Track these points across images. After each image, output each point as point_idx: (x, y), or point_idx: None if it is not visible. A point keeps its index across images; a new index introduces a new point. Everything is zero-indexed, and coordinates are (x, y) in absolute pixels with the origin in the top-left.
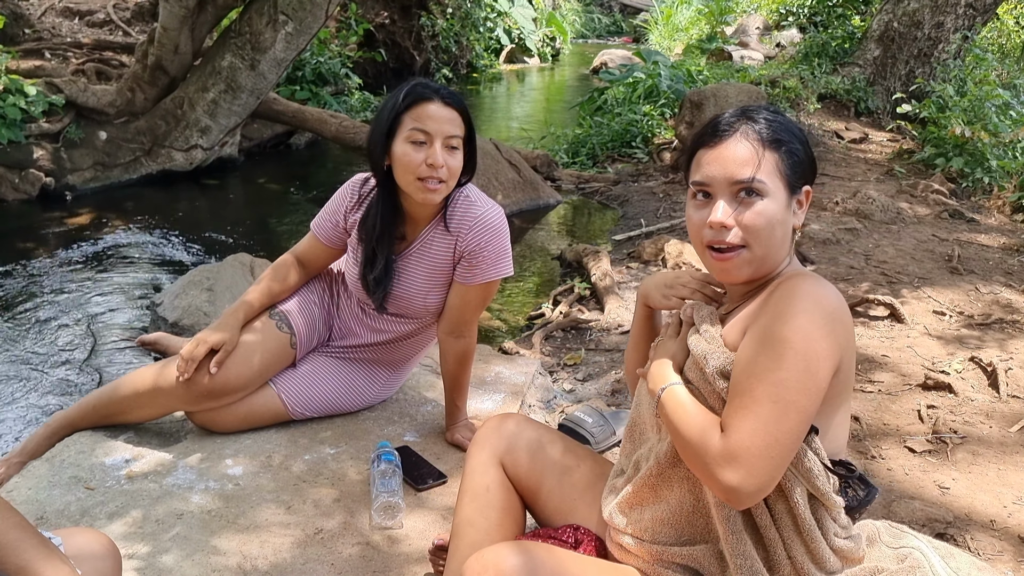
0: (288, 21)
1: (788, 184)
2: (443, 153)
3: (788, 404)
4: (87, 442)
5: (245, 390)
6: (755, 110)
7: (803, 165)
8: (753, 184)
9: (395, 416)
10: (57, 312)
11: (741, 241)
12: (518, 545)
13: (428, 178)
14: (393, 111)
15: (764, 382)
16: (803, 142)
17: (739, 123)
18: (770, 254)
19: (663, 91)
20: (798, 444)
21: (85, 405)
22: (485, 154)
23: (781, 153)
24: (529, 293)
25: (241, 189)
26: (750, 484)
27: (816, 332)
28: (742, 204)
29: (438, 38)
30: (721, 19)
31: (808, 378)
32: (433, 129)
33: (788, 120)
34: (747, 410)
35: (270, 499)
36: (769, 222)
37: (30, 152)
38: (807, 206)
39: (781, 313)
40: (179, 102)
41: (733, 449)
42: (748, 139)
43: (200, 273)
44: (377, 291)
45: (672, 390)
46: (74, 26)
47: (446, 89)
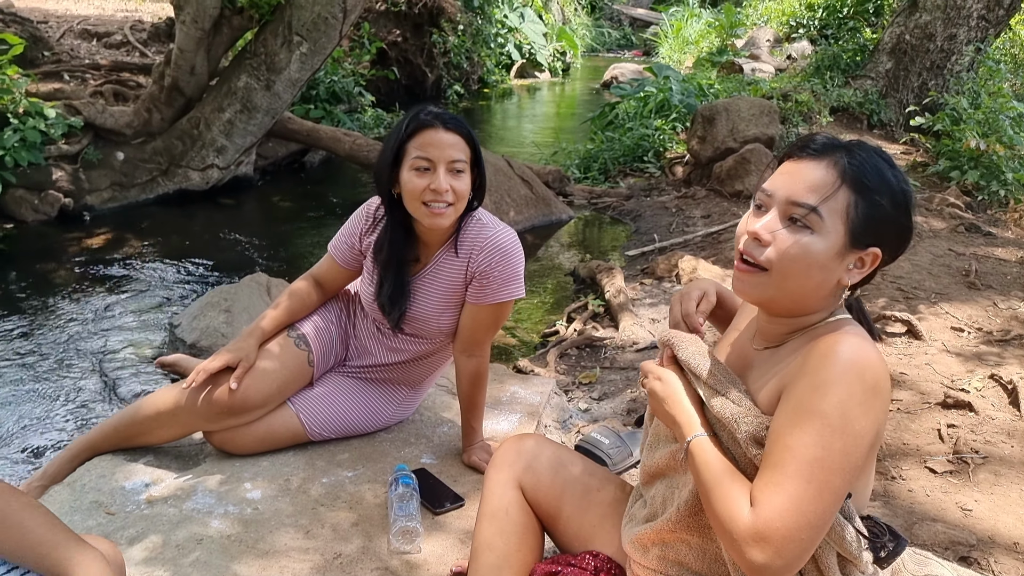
0: (303, 42)
1: (851, 233)
2: (447, 178)
3: (823, 485)
4: (107, 466)
5: (264, 407)
6: (863, 147)
7: (881, 224)
8: (809, 213)
9: (412, 437)
10: (76, 334)
11: (767, 264)
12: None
13: (433, 203)
14: (397, 140)
15: (799, 459)
16: (897, 202)
17: (835, 151)
18: (797, 294)
19: (674, 105)
20: (830, 523)
21: (106, 428)
22: (497, 170)
23: (860, 198)
24: (543, 310)
25: (257, 208)
26: (778, 564)
27: (856, 410)
28: (788, 228)
29: (449, 55)
30: (731, 32)
31: (845, 459)
32: (436, 155)
33: (891, 175)
34: (779, 487)
35: (289, 523)
36: (805, 259)
37: (49, 173)
38: (869, 269)
39: (820, 384)
40: (195, 122)
41: (762, 528)
42: (833, 168)
43: (217, 294)
44: (392, 311)
45: (699, 443)
46: (92, 48)
47: (448, 114)
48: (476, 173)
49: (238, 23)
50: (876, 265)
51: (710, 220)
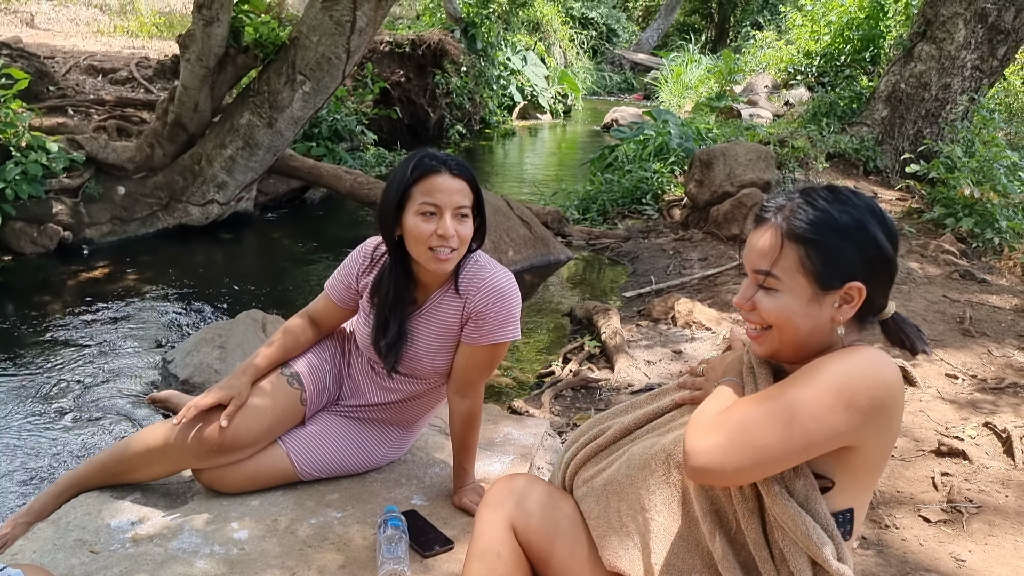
0: (306, 81)
1: (817, 280)
2: (453, 223)
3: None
4: (93, 503)
5: (255, 446)
6: (808, 196)
7: (844, 262)
8: (768, 278)
9: (403, 478)
10: (70, 367)
11: (762, 323)
12: None
13: (439, 248)
14: (402, 184)
15: (749, 415)
16: (851, 238)
17: (777, 213)
18: (798, 342)
19: (673, 149)
20: (768, 465)
21: (95, 464)
22: (496, 210)
23: (808, 249)
24: (539, 350)
25: (256, 244)
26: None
27: (824, 411)
28: (763, 292)
29: (452, 95)
30: (730, 78)
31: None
32: (442, 201)
33: (841, 214)
34: (754, 403)
35: (275, 564)
36: (784, 316)
37: (49, 207)
38: (858, 302)
39: (810, 372)
40: (197, 158)
41: (720, 422)
42: (774, 230)
43: (212, 331)
44: (390, 355)
45: (722, 386)
46: (97, 83)
47: (453, 160)
48: (478, 217)
49: (243, 62)
50: (865, 295)
51: (707, 263)
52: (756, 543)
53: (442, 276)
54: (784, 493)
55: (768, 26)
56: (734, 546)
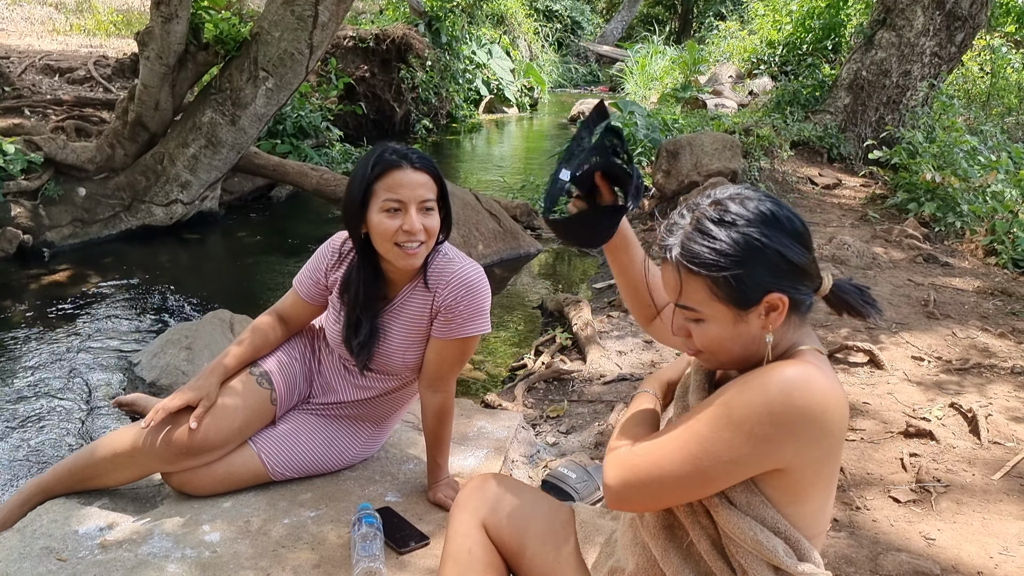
0: (268, 77)
1: (732, 302)
2: (419, 217)
3: (664, 471)
4: (61, 510)
5: (225, 448)
6: (697, 224)
7: (754, 281)
8: (687, 312)
9: (376, 475)
10: (33, 374)
11: (699, 349)
12: None
13: (406, 243)
14: (364, 181)
15: (671, 435)
16: (749, 256)
17: (671, 250)
18: (736, 359)
19: (640, 140)
20: (674, 498)
21: (60, 471)
22: (465, 204)
23: (708, 277)
24: (511, 343)
25: (222, 243)
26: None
27: (742, 442)
28: (692, 323)
29: (418, 90)
30: (694, 68)
31: (697, 469)
32: (406, 196)
33: (727, 237)
34: (663, 436)
35: (248, 566)
36: (716, 342)
37: (7, 209)
38: (782, 311)
39: (735, 394)
40: (159, 157)
41: (628, 459)
42: (674, 269)
43: (178, 331)
44: (362, 354)
45: (640, 395)
46: (55, 83)
47: (415, 153)
48: (443, 208)
49: (203, 59)
50: (788, 300)
51: None
52: (710, 555)
53: (411, 271)
54: (725, 502)
55: (731, 16)
56: (690, 561)
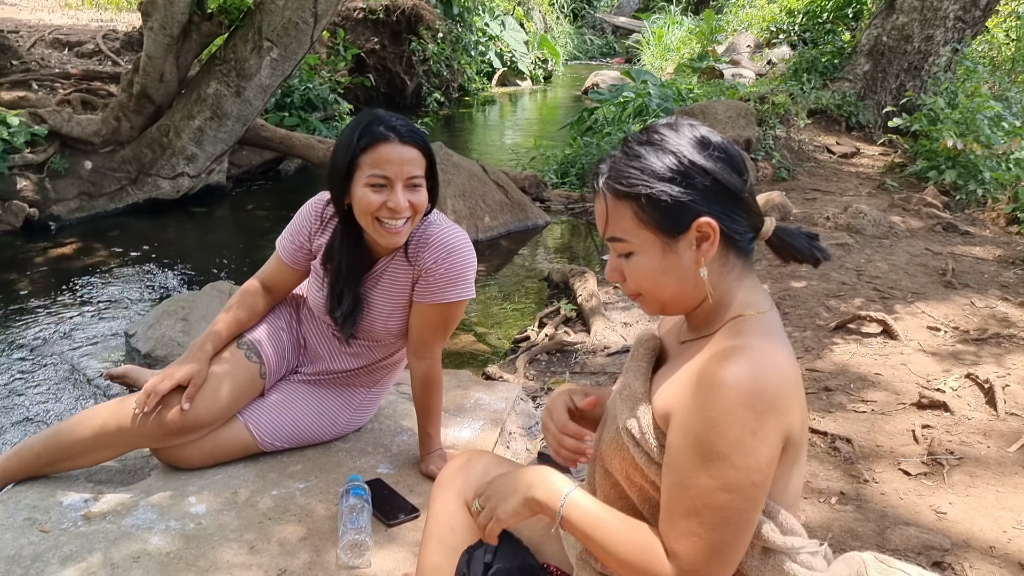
0: (273, 47)
1: (659, 229)
2: (405, 194)
3: (738, 524)
4: (46, 481)
5: (214, 424)
6: (624, 147)
7: (674, 203)
8: (616, 244)
9: (368, 447)
10: (32, 345)
11: (634, 292)
12: None
13: (389, 220)
14: (349, 152)
15: (712, 507)
16: (674, 176)
17: (599, 177)
18: (673, 297)
19: (653, 110)
20: (746, 546)
21: (24, 453)
22: (471, 176)
23: (632, 202)
24: (516, 316)
25: (230, 216)
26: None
27: (752, 441)
28: (624, 260)
29: (429, 63)
30: (711, 38)
31: (754, 489)
32: (393, 172)
33: (651, 152)
34: (697, 536)
35: (233, 538)
36: (647, 277)
37: (13, 183)
38: (715, 238)
39: (713, 421)
40: (165, 130)
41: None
42: (601, 197)
43: (174, 303)
44: (346, 324)
45: (573, 500)
46: (63, 57)
47: (404, 124)
48: (431, 181)
49: (207, 29)
50: (719, 227)
51: None
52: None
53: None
54: None
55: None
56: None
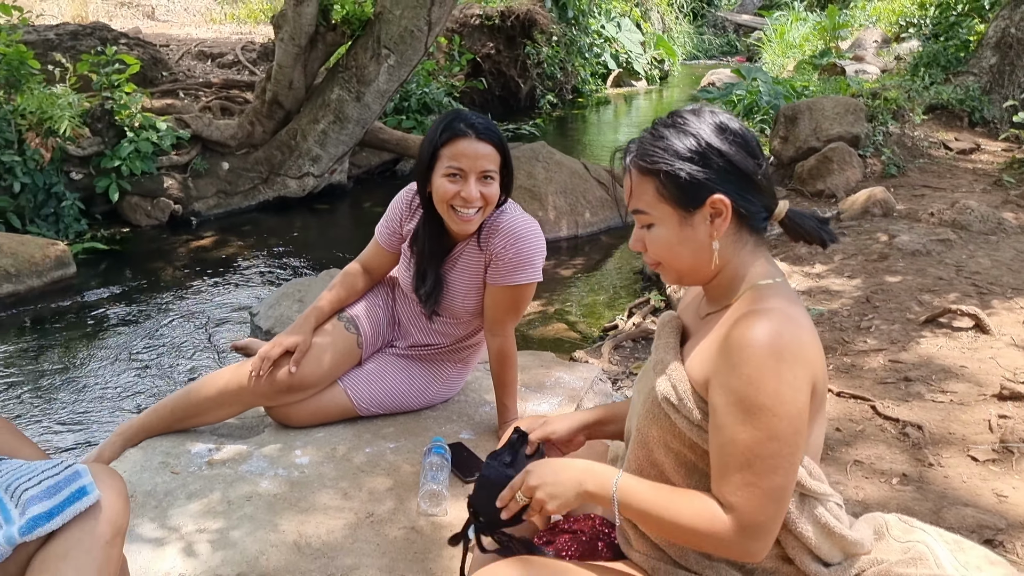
0: (390, 55)
1: (679, 205)
2: (477, 186)
3: (787, 467)
4: (178, 434)
5: (317, 386)
6: (651, 129)
7: (694, 179)
8: (640, 216)
9: (454, 415)
10: (174, 322)
11: (656, 260)
12: (516, 562)
13: (461, 208)
14: (431, 145)
15: (761, 454)
16: (697, 151)
17: (626, 156)
18: (689, 268)
19: (762, 107)
20: (794, 486)
21: (162, 410)
22: (573, 173)
23: (655, 177)
24: (608, 307)
25: (349, 212)
26: (766, 546)
27: (789, 390)
28: (645, 231)
29: (543, 66)
30: (835, 34)
31: (796, 434)
32: (467, 166)
33: (674, 133)
34: (752, 485)
35: (330, 486)
36: (665, 247)
37: (161, 182)
38: (728, 212)
39: (749, 377)
40: (293, 133)
41: (750, 524)
42: (629, 171)
43: (292, 286)
44: (429, 301)
45: (625, 484)
46: (206, 68)
47: (482, 122)
48: (505, 174)
49: (332, 39)
50: (731, 205)
51: None
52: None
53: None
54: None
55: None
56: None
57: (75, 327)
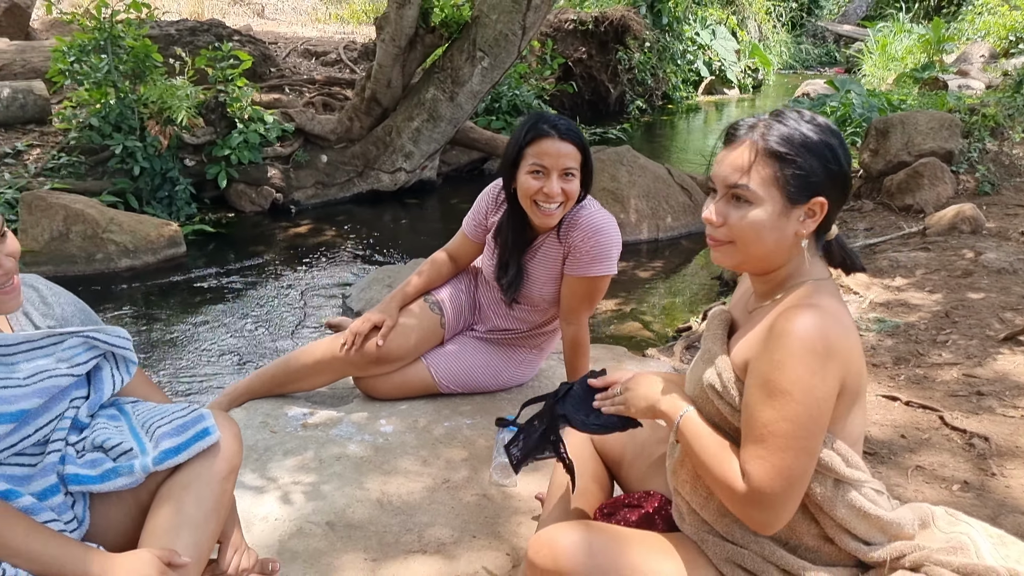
0: (484, 57)
1: (788, 195)
2: (559, 182)
3: (799, 448)
4: (277, 399)
5: (402, 360)
6: (784, 118)
7: (812, 179)
8: (742, 190)
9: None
10: (275, 299)
11: (727, 238)
12: (577, 526)
13: (544, 203)
14: (517, 144)
15: (775, 434)
16: (823, 156)
17: (751, 132)
18: (760, 255)
19: (855, 119)
20: (811, 473)
21: (263, 375)
22: (656, 178)
23: (782, 165)
24: (684, 309)
25: (437, 207)
26: (774, 519)
27: (811, 379)
28: (734, 207)
29: (634, 71)
30: (939, 47)
31: (812, 422)
32: (550, 163)
33: (813, 134)
34: (764, 460)
35: (411, 453)
36: (754, 227)
37: (265, 171)
38: (820, 216)
39: (779, 362)
40: (388, 130)
41: (756, 493)
42: (750, 148)
43: (383, 272)
44: (510, 290)
45: (688, 419)
46: (311, 65)
47: (564, 123)
48: (585, 172)
49: (430, 41)
50: (827, 211)
51: (872, 233)
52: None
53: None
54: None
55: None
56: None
57: (186, 300)
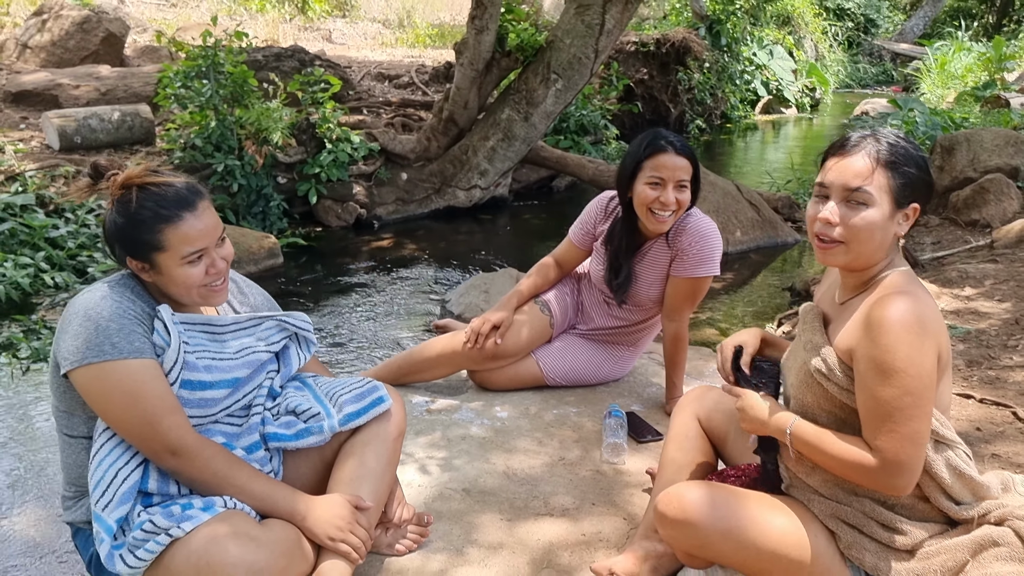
0: (558, 79)
1: (895, 200)
2: (674, 192)
3: (923, 415)
4: (401, 388)
5: (515, 356)
6: (884, 134)
7: (914, 186)
8: (861, 194)
9: (626, 391)
10: (371, 306)
11: (841, 238)
12: (701, 483)
13: (659, 211)
14: (636, 158)
15: (899, 408)
16: (921, 167)
17: (865, 142)
18: (867, 252)
19: (918, 137)
20: (929, 435)
21: (390, 365)
22: (726, 194)
23: (894, 173)
24: (757, 317)
25: (510, 223)
26: (911, 478)
27: (918, 355)
28: (850, 208)
29: (694, 91)
30: (1000, 65)
31: (926, 390)
32: (667, 176)
33: (911, 148)
34: (893, 431)
35: (527, 435)
36: (870, 227)
37: (350, 188)
38: (913, 220)
39: (886, 346)
40: (464, 149)
41: (893, 462)
42: (868, 156)
43: (479, 279)
44: (619, 291)
45: (797, 428)
46: (385, 88)
47: (679, 140)
48: (695, 184)
49: (506, 64)
50: (918, 215)
51: (939, 246)
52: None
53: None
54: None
55: None
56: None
57: (290, 305)
